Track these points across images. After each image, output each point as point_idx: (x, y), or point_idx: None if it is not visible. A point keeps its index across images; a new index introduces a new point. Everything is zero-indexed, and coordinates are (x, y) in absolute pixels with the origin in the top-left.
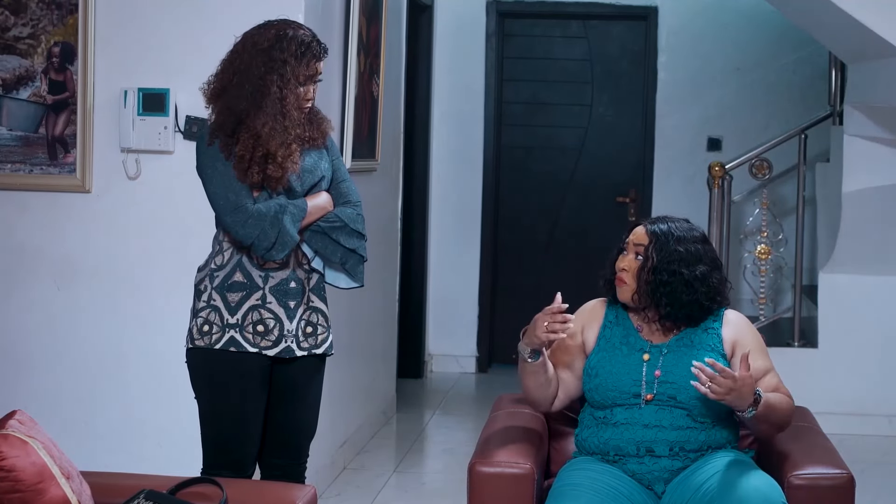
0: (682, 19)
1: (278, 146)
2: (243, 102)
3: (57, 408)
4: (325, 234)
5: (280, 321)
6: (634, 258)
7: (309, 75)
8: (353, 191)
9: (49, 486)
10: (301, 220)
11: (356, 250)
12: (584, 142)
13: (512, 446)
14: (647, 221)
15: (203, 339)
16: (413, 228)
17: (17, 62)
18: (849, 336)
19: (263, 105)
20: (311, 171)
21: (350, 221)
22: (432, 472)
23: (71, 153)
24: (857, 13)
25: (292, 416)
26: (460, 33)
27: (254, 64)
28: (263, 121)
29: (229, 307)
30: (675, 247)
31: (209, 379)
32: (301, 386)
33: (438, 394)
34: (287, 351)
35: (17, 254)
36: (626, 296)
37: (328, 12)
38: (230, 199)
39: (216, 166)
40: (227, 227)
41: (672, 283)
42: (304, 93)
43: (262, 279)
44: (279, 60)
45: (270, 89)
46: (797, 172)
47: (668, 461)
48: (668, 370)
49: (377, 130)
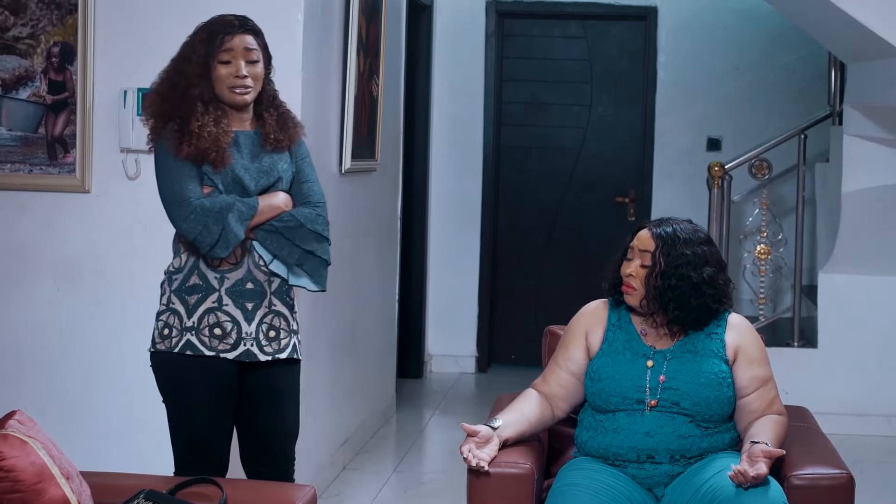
0: (681, 19)
1: (191, 119)
2: (168, 88)
3: (57, 408)
4: (279, 233)
5: (237, 323)
6: (641, 264)
7: (226, 50)
8: (316, 192)
9: (49, 486)
10: (250, 218)
11: (315, 252)
12: (584, 142)
13: (512, 446)
14: (652, 224)
15: (164, 343)
16: (412, 228)
17: (17, 62)
18: (848, 336)
19: (163, 90)
20: (268, 171)
21: (307, 221)
22: (432, 472)
23: (70, 153)
24: (857, 13)
25: (271, 422)
26: (460, 33)
27: (174, 60)
28: (160, 102)
29: (188, 309)
30: (681, 250)
31: (172, 382)
32: (275, 391)
33: (438, 394)
34: (248, 354)
35: (17, 254)
36: (635, 301)
37: (328, 12)
38: (175, 191)
39: (167, 160)
40: (172, 221)
41: (680, 286)
42: (231, 71)
43: (217, 280)
44: (188, 45)
45: (171, 74)
46: (797, 172)
47: (668, 467)
48: (672, 376)
49: (377, 130)
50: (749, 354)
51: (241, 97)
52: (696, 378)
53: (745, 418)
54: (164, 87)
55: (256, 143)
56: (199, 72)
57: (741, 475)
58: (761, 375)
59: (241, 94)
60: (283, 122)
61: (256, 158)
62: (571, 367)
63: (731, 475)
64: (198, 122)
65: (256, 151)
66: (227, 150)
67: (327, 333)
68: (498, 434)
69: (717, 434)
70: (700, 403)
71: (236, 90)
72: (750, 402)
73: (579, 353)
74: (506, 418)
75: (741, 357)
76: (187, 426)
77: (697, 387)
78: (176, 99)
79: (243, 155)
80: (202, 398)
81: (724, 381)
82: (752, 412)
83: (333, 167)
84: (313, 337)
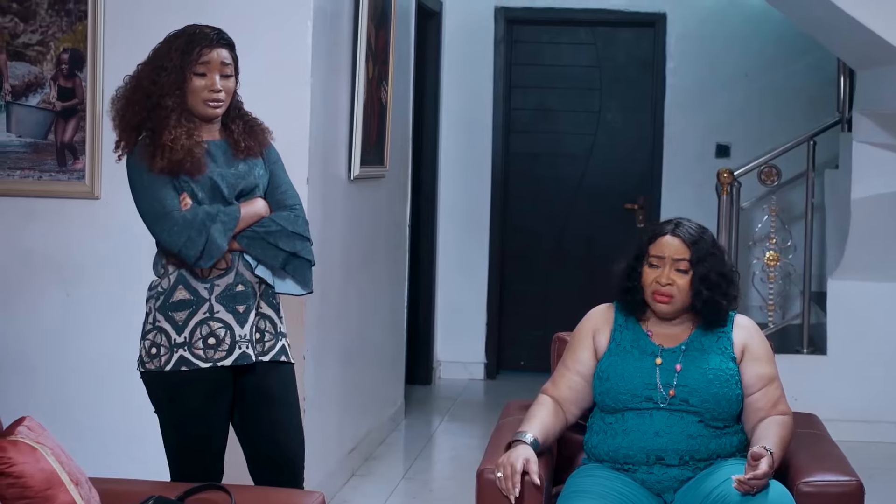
0: (690, 26)
1: (163, 131)
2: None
3: (66, 414)
4: (262, 238)
5: (230, 328)
6: (678, 272)
7: (202, 62)
8: (291, 195)
9: (58, 492)
10: (233, 228)
11: (298, 253)
12: (593, 148)
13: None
14: (670, 230)
15: (153, 363)
16: (421, 235)
17: (27, 69)
18: (858, 343)
19: (135, 98)
20: (244, 176)
21: (287, 224)
22: (441, 479)
23: (80, 160)
24: (866, 19)
25: (271, 429)
26: (469, 40)
27: (146, 66)
28: (133, 112)
29: (176, 327)
30: (713, 249)
31: (166, 397)
32: (268, 395)
33: (447, 400)
34: (243, 357)
35: (26, 260)
36: (671, 309)
37: (336, 19)
38: (155, 207)
39: (141, 176)
40: (155, 234)
41: (721, 285)
42: (206, 84)
43: (207, 290)
44: (162, 55)
45: (144, 83)
46: (806, 179)
47: (677, 470)
48: (681, 373)
49: (385, 137)
50: (755, 353)
51: (214, 111)
52: (705, 375)
53: (750, 417)
54: (137, 96)
55: (228, 152)
56: (173, 80)
57: (743, 484)
58: (767, 374)
59: (214, 107)
60: (251, 129)
61: (231, 165)
62: (580, 369)
63: (735, 486)
64: (170, 134)
65: (230, 159)
66: (201, 158)
67: (336, 339)
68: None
69: (726, 436)
70: (709, 400)
71: (209, 103)
72: (755, 401)
73: (587, 355)
74: (533, 430)
75: (748, 355)
76: (182, 435)
77: (706, 384)
78: (148, 109)
79: (218, 163)
80: (196, 407)
81: (731, 379)
82: (758, 410)
83: (342, 174)
84: (322, 343)
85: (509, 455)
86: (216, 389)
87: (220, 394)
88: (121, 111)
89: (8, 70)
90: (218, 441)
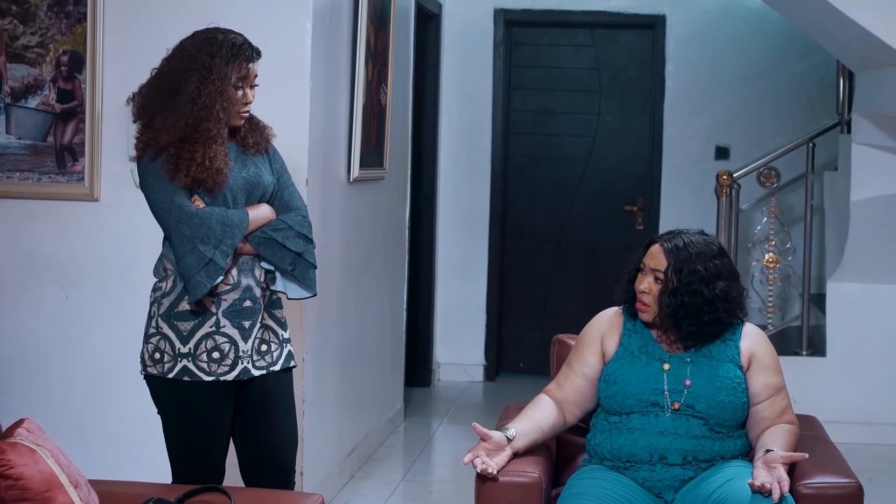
0: (689, 28)
1: (198, 146)
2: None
3: (65, 416)
4: (273, 240)
5: (234, 343)
6: (654, 281)
7: (241, 77)
8: (297, 197)
9: (57, 494)
10: (236, 244)
11: (302, 254)
12: (592, 150)
13: (520, 455)
14: (663, 239)
15: (155, 367)
16: (421, 237)
17: (26, 71)
18: (857, 345)
19: (177, 105)
20: (254, 182)
21: (296, 225)
22: (440, 481)
23: (79, 162)
24: (865, 21)
25: (268, 433)
26: (468, 42)
27: (180, 68)
28: (175, 120)
29: (181, 336)
30: (693, 266)
31: (169, 402)
32: (269, 401)
33: (446, 402)
34: (245, 372)
35: (26, 262)
36: (649, 318)
37: (336, 20)
38: (174, 202)
39: (162, 183)
40: (169, 227)
41: (693, 303)
42: (241, 96)
43: (214, 304)
44: (204, 63)
45: (187, 89)
46: (805, 181)
47: (679, 470)
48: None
49: (385, 139)
50: (763, 362)
51: (241, 122)
52: (712, 382)
53: (756, 426)
54: (180, 102)
55: (239, 152)
56: (217, 89)
57: (763, 487)
58: (774, 384)
59: (243, 118)
60: (254, 126)
61: (244, 167)
62: (587, 372)
63: (755, 489)
64: (210, 152)
65: (242, 158)
66: (225, 179)
67: (335, 341)
68: (511, 445)
69: (730, 439)
70: (715, 407)
71: (242, 114)
72: (762, 410)
73: (594, 358)
74: (519, 428)
75: (755, 364)
76: (184, 437)
77: (713, 391)
78: (193, 117)
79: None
80: (199, 414)
81: (738, 387)
82: (764, 419)
83: (342, 175)
84: (321, 345)
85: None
86: (219, 399)
87: (222, 403)
88: (158, 114)
89: (7, 72)
90: (220, 444)
